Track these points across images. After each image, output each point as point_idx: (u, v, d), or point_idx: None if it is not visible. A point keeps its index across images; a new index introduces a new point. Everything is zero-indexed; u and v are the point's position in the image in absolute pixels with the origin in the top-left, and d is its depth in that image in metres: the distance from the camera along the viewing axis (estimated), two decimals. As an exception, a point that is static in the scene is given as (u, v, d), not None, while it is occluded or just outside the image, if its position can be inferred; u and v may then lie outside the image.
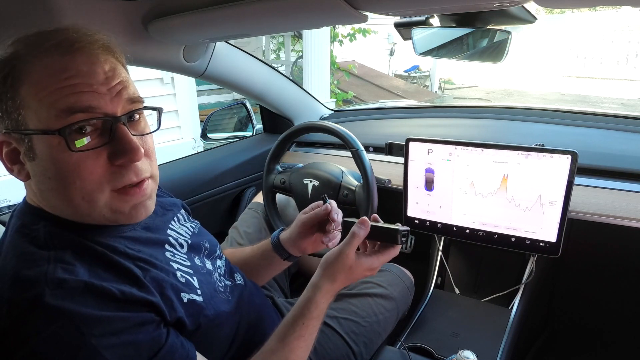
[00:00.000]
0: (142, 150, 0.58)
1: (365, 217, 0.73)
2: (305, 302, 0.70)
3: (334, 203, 0.85)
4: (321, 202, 0.86)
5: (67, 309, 0.50)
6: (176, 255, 0.70)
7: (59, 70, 0.53)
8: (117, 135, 0.56)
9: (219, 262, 0.81)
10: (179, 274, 0.66)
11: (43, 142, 0.54)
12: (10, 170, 0.58)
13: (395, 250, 0.74)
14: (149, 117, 0.65)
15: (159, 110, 0.65)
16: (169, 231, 0.74)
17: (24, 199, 0.63)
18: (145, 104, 0.61)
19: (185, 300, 0.63)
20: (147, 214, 0.63)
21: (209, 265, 0.77)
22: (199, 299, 0.66)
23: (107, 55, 0.58)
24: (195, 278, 0.69)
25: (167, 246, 0.70)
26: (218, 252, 0.83)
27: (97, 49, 0.57)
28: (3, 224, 0.84)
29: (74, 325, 0.50)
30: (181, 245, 0.73)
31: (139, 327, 0.55)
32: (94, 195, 0.56)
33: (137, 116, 0.60)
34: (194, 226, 0.82)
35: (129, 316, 0.55)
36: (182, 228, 0.78)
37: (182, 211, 0.83)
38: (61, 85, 0.53)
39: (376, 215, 0.78)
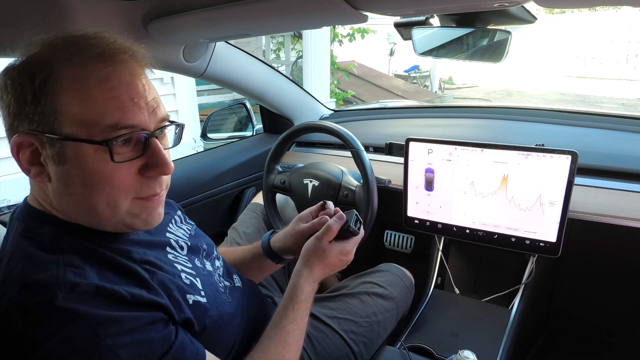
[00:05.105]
0: (172, 165, 0.60)
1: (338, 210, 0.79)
2: (291, 288, 0.75)
3: (331, 204, 0.86)
4: (318, 205, 0.87)
5: (81, 311, 0.50)
6: (178, 257, 0.70)
7: (103, 80, 0.54)
8: (151, 149, 0.58)
9: (217, 263, 0.81)
10: (183, 275, 0.67)
11: (77, 149, 0.54)
12: (27, 171, 0.57)
13: (357, 237, 0.79)
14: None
15: (182, 127, 0.66)
16: (168, 234, 0.74)
17: (25, 200, 0.63)
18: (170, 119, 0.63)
19: (190, 301, 0.64)
20: (159, 220, 0.64)
21: (209, 266, 0.77)
22: (203, 300, 0.66)
23: (142, 70, 0.60)
24: (198, 279, 0.69)
25: (168, 248, 0.71)
26: (215, 253, 0.83)
27: (134, 62, 0.58)
28: (3, 224, 0.83)
29: (89, 326, 0.50)
30: (181, 247, 0.74)
31: (151, 326, 0.56)
32: (119, 202, 0.58)
33: (164, 131, 0.62)
34: (190, 228, 0.82)
35: (141, 315, 0.55)
36: (179, 230, 0.78)
37: (179, 212, 0.84)
38: (106, 97, 0.54)
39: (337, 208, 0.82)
